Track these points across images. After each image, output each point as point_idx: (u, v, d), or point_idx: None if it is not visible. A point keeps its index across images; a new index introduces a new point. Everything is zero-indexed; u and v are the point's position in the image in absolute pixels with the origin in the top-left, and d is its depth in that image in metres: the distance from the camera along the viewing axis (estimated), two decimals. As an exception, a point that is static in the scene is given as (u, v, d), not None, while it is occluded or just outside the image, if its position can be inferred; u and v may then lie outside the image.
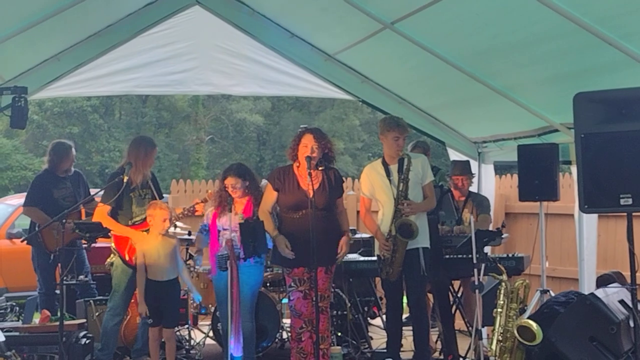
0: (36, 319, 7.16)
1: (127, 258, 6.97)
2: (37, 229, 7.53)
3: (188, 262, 7.96)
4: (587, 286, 6.79)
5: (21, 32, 6.55)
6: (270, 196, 6.65)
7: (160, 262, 6.79)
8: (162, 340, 6.95)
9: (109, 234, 6.96)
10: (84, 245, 7.51)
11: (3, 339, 6.29)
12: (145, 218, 6.98)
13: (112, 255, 7.16)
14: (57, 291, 7.68)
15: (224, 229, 6.77)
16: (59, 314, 6.63)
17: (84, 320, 7.26)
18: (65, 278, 6.66)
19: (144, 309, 6.74)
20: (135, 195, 7.06)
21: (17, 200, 11.05)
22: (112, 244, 7.08)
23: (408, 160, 6.53)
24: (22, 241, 7.97)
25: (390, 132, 6.65)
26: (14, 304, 8.03)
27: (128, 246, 6.98)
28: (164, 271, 6.79)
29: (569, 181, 8.20)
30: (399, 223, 6.45)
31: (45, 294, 7.82)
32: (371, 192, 6.78)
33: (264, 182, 8.79)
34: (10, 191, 24.88)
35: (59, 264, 7.45)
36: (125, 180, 6.88)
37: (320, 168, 6.53)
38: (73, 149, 8.08)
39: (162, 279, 6.79)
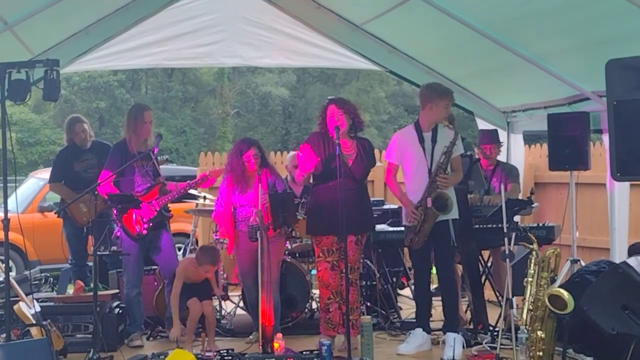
0: (70, 290, 7.26)
1: (130, 230, 7.00)
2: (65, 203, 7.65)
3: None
4: (619, 256, 6.74)
5: (50, 6, 6.55)
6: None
7: None
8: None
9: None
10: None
11: (39, 309, 6.42)
12: (148, 188, 7.00)
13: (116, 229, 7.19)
14: (88, 262, 7.81)
15: (241, 205, 6.82)
16: (91, 284, 6.73)
17: (117, 291, 7.36)
18: (97, 249, 6.73)
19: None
20: (138, 165, 7.06)
21: (48, 174, 11.17)
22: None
23: (455, 135, 6.54)
24: (55, 213, 8.05)
25: (442, 100, 6.63)
26: (48, 275, 8.15)
27: (130, 217, 6.99)
28: None
29: (600, 150, 8.12)
30: (435, 195, 6.45)
31: (76, 264, 7.93)
32: (399, 160, 6.75)
33: (291, 153, 8.84)
34: (39, 165, 25.12)
35: (90, 236, 7.59)
36: (155, 152, 6.96)
37: (351, 135, 6.55)
38: (79, 123, 8.06)
39: None
